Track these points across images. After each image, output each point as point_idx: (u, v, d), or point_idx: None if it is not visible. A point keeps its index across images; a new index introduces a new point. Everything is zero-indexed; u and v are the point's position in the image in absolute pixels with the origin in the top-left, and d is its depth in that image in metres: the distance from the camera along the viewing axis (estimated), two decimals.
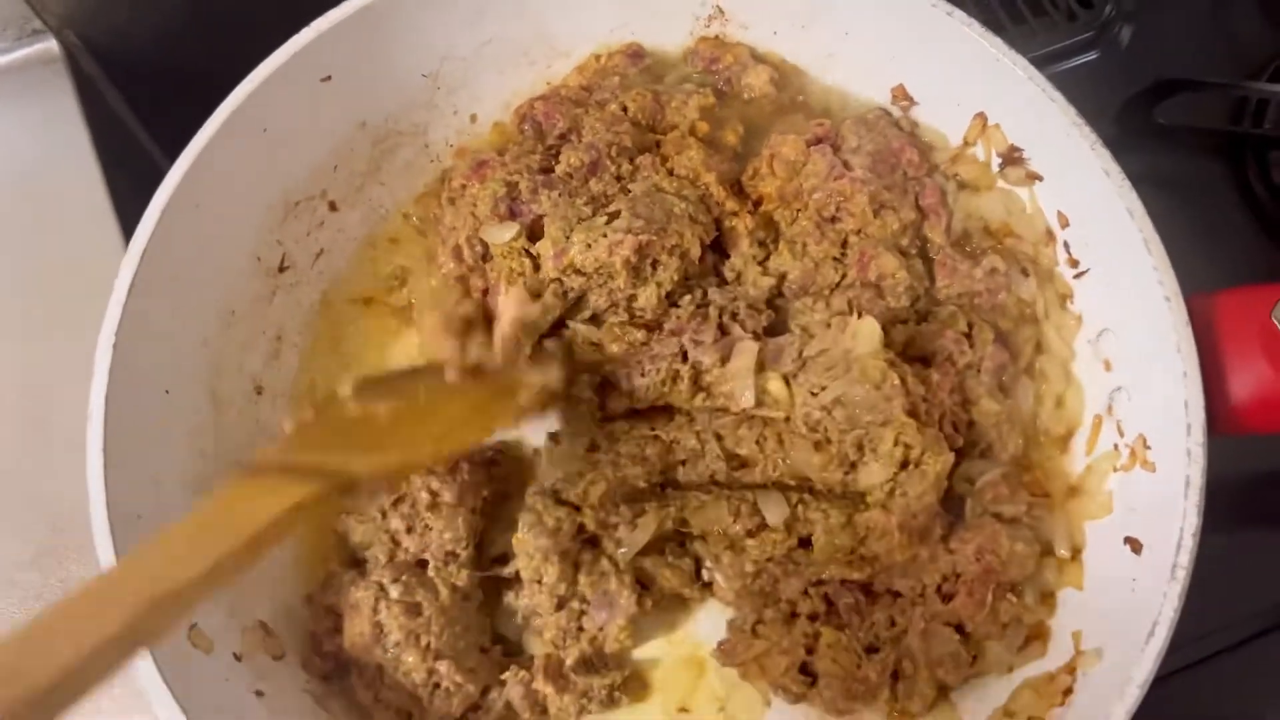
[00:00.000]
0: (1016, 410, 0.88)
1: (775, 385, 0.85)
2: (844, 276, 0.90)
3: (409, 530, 0.87)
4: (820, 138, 0.94)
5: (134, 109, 1.10)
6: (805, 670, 0.83)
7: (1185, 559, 0.73)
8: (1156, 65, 1.15)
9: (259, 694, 0.81)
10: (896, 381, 0.82)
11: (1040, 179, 0.89)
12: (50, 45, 1.09)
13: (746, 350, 0.86)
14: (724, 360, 0.86)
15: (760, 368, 0.86)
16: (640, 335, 0.89)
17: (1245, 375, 0.78)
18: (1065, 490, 0.87)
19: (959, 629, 0.83)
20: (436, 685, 0.83)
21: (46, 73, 1.09)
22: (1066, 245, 0.88)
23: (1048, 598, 0.84)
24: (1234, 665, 0.98)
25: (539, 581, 0.85)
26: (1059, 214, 0.88)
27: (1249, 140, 1.15)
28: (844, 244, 0.91)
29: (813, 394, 0.84)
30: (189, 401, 0.87)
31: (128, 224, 0.99)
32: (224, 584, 0.61)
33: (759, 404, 0.85)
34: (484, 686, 0.85)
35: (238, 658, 0.82)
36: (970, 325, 0.88)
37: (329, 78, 0.89)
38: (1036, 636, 0.83)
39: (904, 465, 0.82)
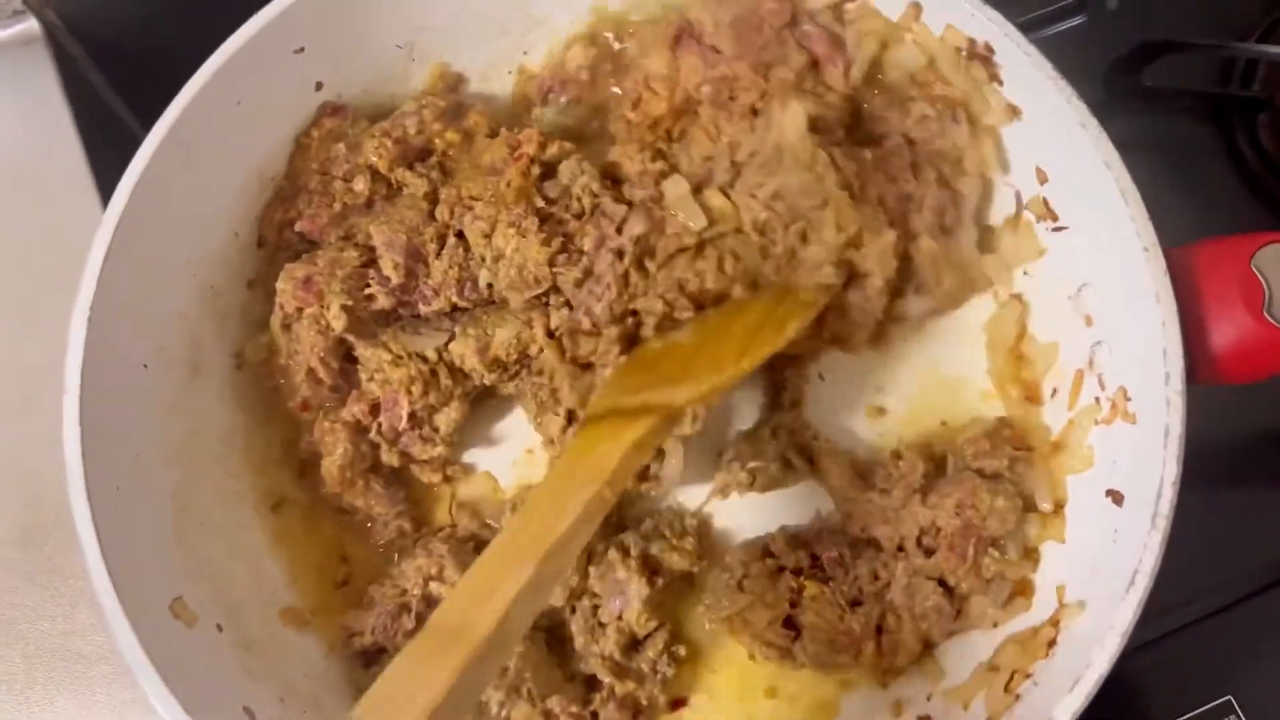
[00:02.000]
0: (956, 251, 0.88)
1: (717, 200, 0.86)
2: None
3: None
4: (679, 34, 0.92)
5: (116, 88, 1.09)
6: (790, 624, 0.83)
7: (1165, 508, 0.72)
8: (1144, 28, 1.13)
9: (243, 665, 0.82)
10: (826, 158, 0.82)
11: (1001, 82, 0.87)
12: (31, 25, 1.09)
13: (675, 181, 0.87)
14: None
15: (698, 189, 0.86)
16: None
17: (1225, 324, 0.77)
18: (1048, 446, 0.87)
19: (942, 584, 0.83)
20: None
21: (28, 53, 1.09)
22: (1046, 200, 0.87)
23: (1031, 553, 0.84)
24: (1220, 630, 0.98)
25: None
26: (1037, 169, 0.87)
27: (1237, 102, 1.14)
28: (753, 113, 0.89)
29: (752, 196, 0.85)
30: (168, 375, 0.87)
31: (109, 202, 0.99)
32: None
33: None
34: (593, 712, 0.84)
35: (220, 629, 0.82)
36: (914, 163, 0.88)
37: (302, 49, 0.89)
38: (1021, 592, 0.83)
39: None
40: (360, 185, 0.92)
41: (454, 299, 0.90)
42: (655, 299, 0.86)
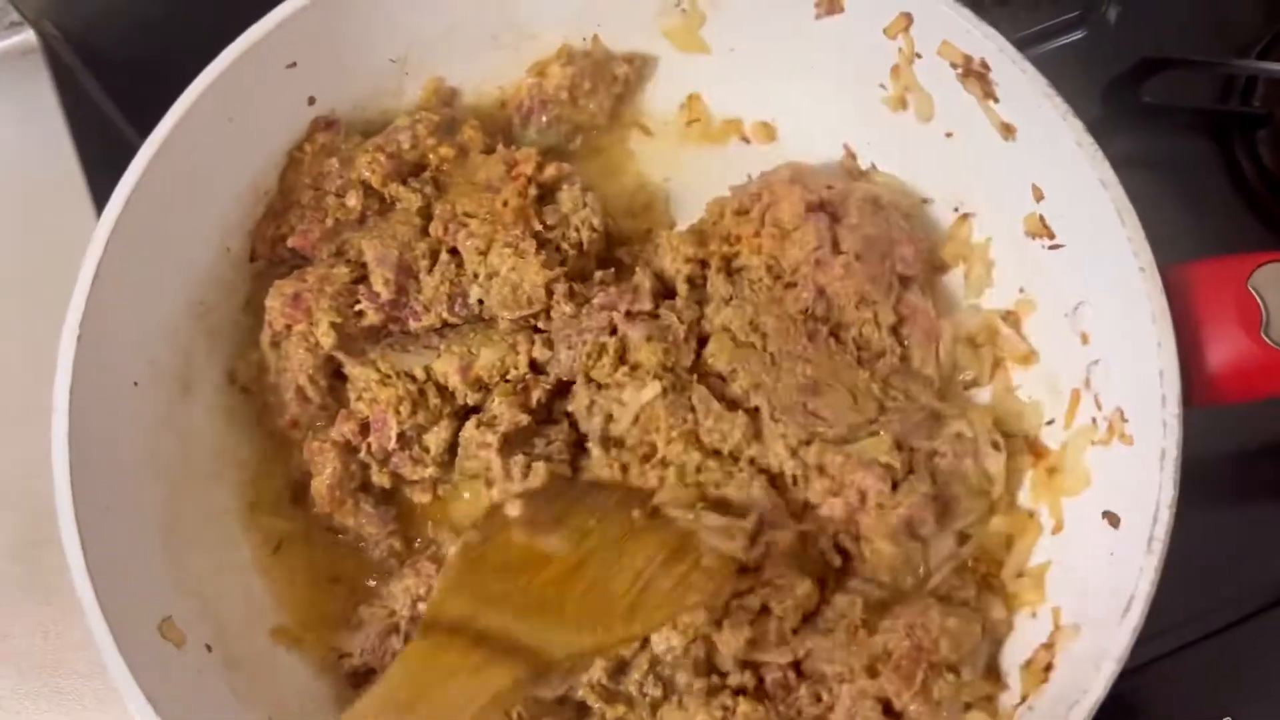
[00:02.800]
0: (917, 558, 0.85)
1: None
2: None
3: None
4: (823, 202, 0.91)
5: (113, 100, 1.10)
6: None
7: (1161, 531, 0.72)
8: (1144, 44, 1.13)
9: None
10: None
11: (997, 100, 0.86)
12: (28, 36, 1.08)
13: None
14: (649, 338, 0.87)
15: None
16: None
17: (1221, 345, 0.77)
18: (1044, 469, 0.86)
19: (887, 708, 0.80)
20: None
21: (24, 64, 1.08)
22: (1042, 218, 0.87)
23: (992, 672, 0.82)
24: (1221, 649, 0.97)
25: None
26: (1033, 186, 0.86)
27: (1237, 119, 1.13)
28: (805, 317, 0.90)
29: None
30: (159, 392, 0.87)
31: None
32: None
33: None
34: None
35: (209, 649, 0.81)
36: (908, 468, 0.85)
37: (295, 64, 0.89)
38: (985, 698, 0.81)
39: None
40: (353, 200, 0.91)
41: (444, 315, 0.89)
42: (608, 401, 0.87)
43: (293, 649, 0.87)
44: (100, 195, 1.03)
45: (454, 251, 0.91)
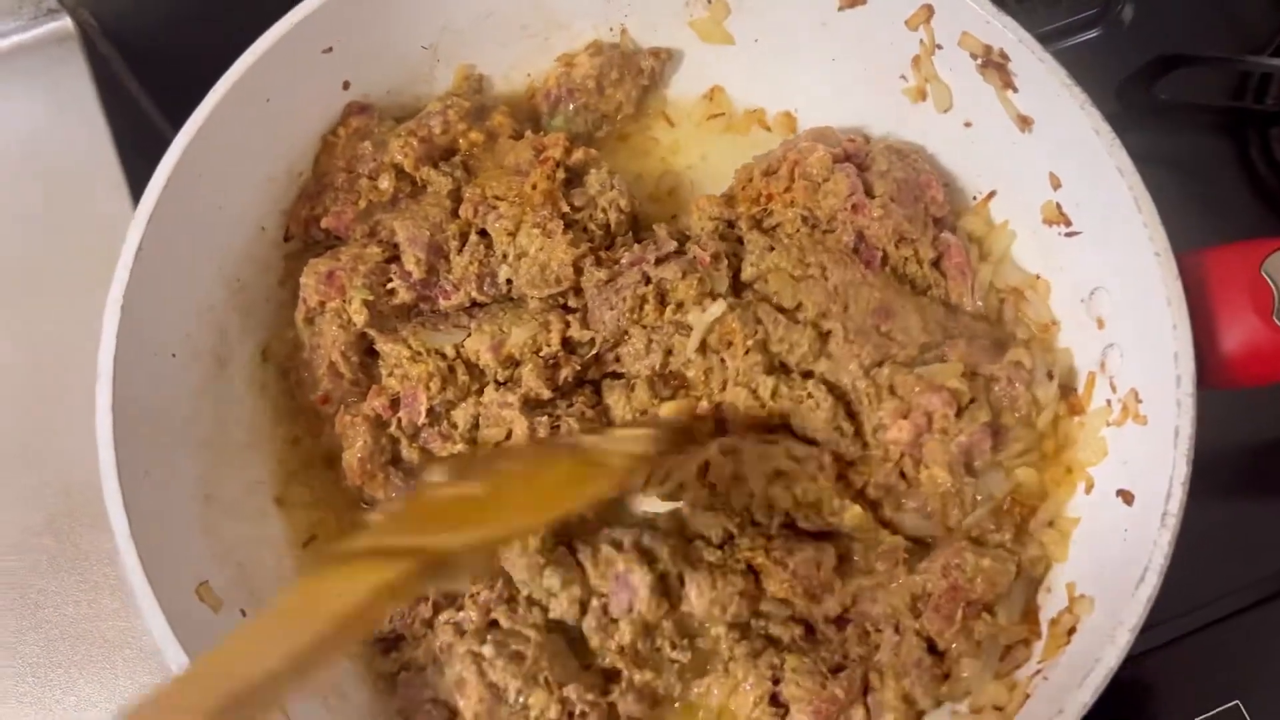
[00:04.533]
0: (970, 492, 0.87)
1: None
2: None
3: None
4: (849, 154, 0.94)
5: (147, 87, 1.12)
6: (776, 701, 0.82)
7: (1175, 507, 0.73)
8: (1159, 42, 1.15)
9: None
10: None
11: (1016, 90, 0.88)
12: (65, 24, 1.11)
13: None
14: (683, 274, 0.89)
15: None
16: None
17: (1234, 328, 0.79)
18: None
19: (931, 647, 0.83)
20: (571, 714, 0.82)
21: (61, 51, 1.11)
22: (1059, 206, 0.89)
23: (1031, 614, 0.84)
24: (1229, 636, 0.99)
25: (554, 596, 0.85)
26: (1051, 175, 0.88)
27: (1251, 116, 1.15)
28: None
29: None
30: (196, 365, 0.89)
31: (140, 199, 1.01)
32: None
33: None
34: (611, 703, 0.84)
35: (244, 614, 0.83)
36: (971, 398, 0.87)
37: (330, 49, 0.91)
38: (1022, 641, 0.83)
39: None
40: (385, 183, 0.94)
41: (473, 294, 0.92)
42: (665, 337, 0.89)
43: None
44: (135, 179, 1.06)
45: (483, 233, 0.93)
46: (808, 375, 0.88)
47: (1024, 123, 0.89)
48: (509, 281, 0.92)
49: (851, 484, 0.88)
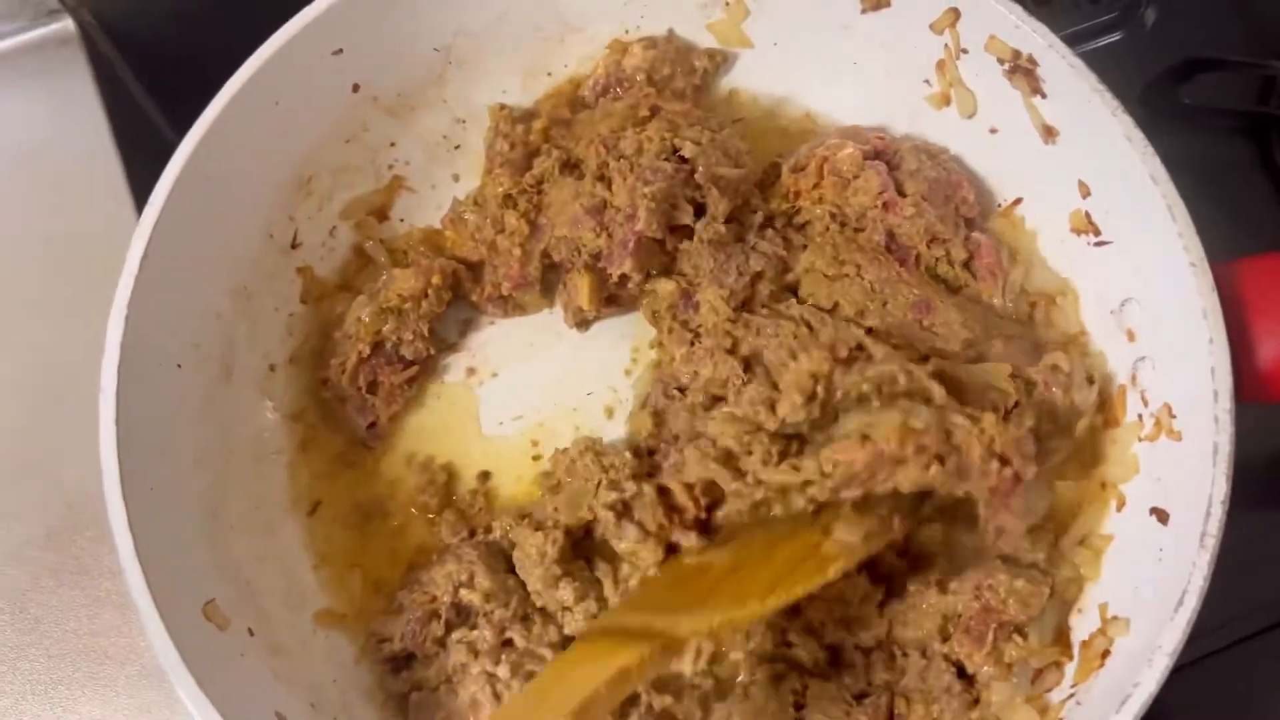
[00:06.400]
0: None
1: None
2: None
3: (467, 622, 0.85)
4: (878, 151, 0.92)
5: (149, 88, 1.10)
6: None
7: (1214, 527, 0.71)
8: (1182, 46, 1.13)
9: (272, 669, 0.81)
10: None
11: (1045, 95, 0.86)
12: (66, 25, 1.10)
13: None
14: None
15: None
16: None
17: (1271, 341, 0.77)
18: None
19: (960, 671, 0.81)
20: None
21: (63, 52, 1.09)
22: (1088, 215, 0.86)
23: (1063, 636, 0.82)
24: (1251, 655, 0.97)
25: (568, 609, 0.84)
26: (1080, 183, 0.86)
27: (1275, 120, 1.13)
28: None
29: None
30: (202, 375, 0.87)
31: (143, 203, 0.96)
32: None
33: None
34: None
35: (251, 633, 0.81)
36: (1016, 401, 0.84)
37: (340, 51, 0.89)
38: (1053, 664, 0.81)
39: None
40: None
41: None
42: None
43: (334, 634, 0.87)
44: (137, 182, 1.04)
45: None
46: None
47: (1048, 133, 0.87)
48: None
49: None
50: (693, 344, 0.88)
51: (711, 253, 0.89)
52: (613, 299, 0.94)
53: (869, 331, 0.86)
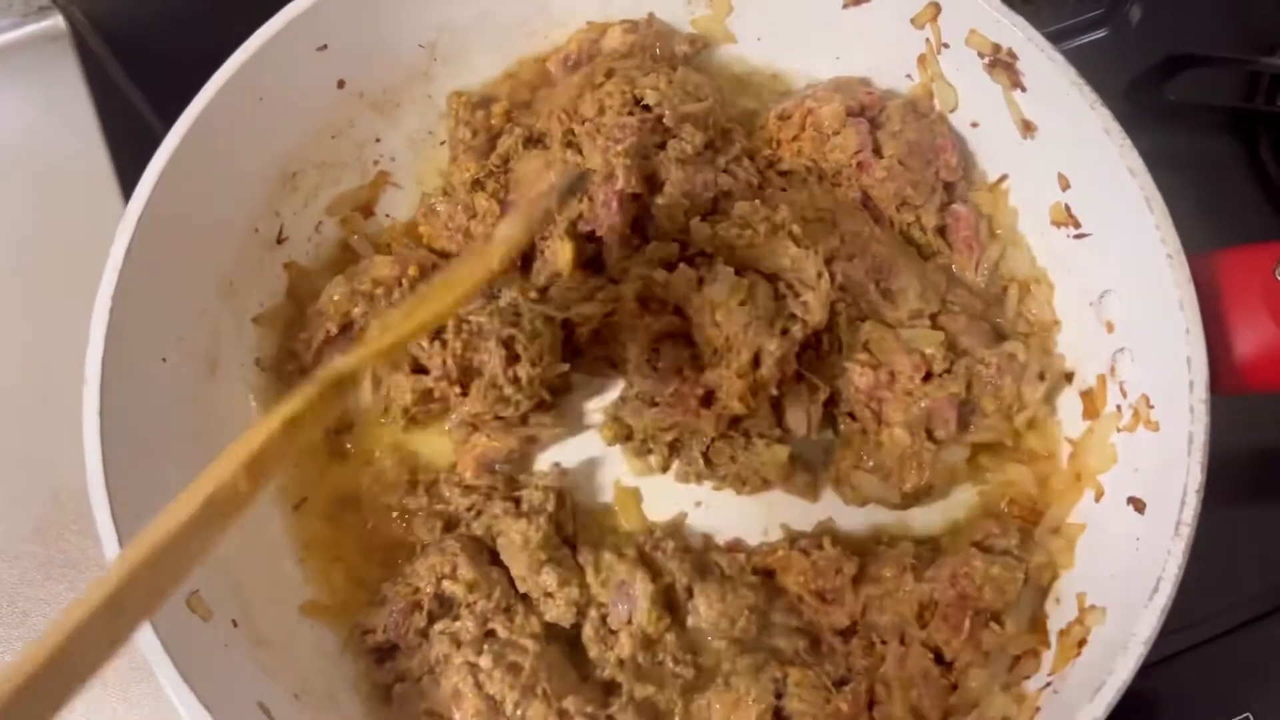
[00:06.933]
0: (928, 457, 0.86)
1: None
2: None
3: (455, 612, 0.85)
4: (864, 107, 0.93)
5: (139, 85, 1.10)
6: (779, 716, 0.81)
7: (1189, 515, 0.72)
8: (1168, 42, 1.13)
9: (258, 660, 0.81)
10: None
11: (1024, 89, 0.86)
12: (56, 21, 1.10)
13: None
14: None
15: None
16: None
17: (1248, 332, 0.77)
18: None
19: (939, 658, 0.82)
20: None
21: (52, 49, 1.09)
22: (1068, 207, 0.87)
23: (1039, 623, 0.83)
24: (1240, 645, 0.97)
25: (550, 595, 0.84)
26: (1059, 175, 0.87)
27: (1261, 117, 1.13)
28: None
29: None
30: (187, 369, 0.87)
31: None
32: (222, 527, 0.59)
33: None
34: (610, 715, 0.83)
35: (235, 624, 0.81)
36: (946, 366, 0.86)
37: (325, 46, 0.89)
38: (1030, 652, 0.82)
39: None
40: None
41: None
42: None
43: (318, 625, 0.87)
44: (126, 178, 1.04)
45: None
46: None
47: (1027, 128, 0.88)
48: None
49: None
50: None
51: (679, 165, 0.90)
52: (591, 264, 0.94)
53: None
